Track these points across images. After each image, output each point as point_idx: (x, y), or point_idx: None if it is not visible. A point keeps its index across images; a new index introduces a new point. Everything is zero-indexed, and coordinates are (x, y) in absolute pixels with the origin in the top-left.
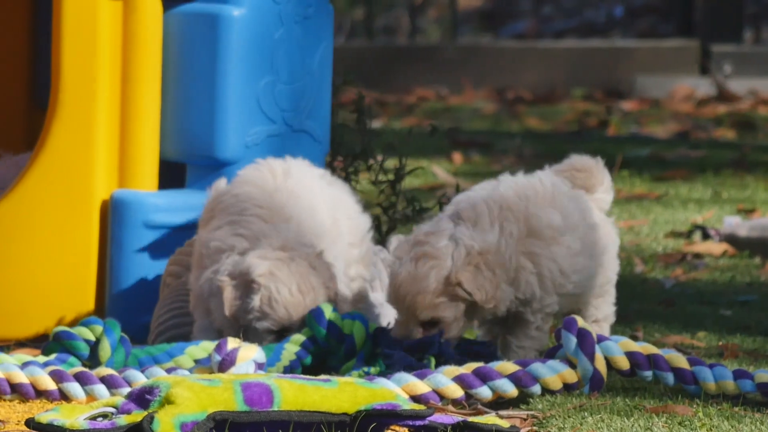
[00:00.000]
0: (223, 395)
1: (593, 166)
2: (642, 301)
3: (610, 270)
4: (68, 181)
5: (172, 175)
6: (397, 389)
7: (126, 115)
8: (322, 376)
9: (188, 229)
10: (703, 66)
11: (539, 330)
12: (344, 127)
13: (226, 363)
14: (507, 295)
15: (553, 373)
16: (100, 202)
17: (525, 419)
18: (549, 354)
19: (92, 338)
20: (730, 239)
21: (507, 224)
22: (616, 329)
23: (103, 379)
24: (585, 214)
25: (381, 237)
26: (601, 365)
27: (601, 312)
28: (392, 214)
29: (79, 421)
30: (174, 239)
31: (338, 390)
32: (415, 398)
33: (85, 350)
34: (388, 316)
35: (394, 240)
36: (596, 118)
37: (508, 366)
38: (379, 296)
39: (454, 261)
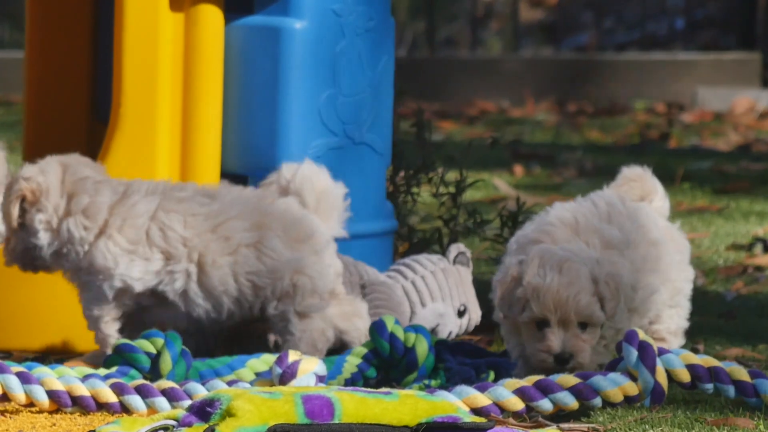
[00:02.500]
0: (283, 408)
1: (643, 175)
2: (703, 314)
3: (680, 281)
4: None
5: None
6: (458, 402)
7: (187, 128)
8: (383, 389)
9: None
10: (765, 78)
11: (607, 347)
12: (405, 141)
13: (287, 376)
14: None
15: (614, 385)
16: None
17: None
18: (610, 367)
19: (153, 351)
20: None
21: (586, 238)
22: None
23: (164, 392)
24: (645, 230)
25: (442, 249)
26: (662, 378)
27: (674, 323)
28: (453, 227)
29: None
30: None
31: (399, 402)
32: (476, 411)
33: (146, 363)
34: (448, 326)
35: (453, 248)
36: (657, 131)
37: (569, 379)
38: (439, 306)
39: (588, 266)
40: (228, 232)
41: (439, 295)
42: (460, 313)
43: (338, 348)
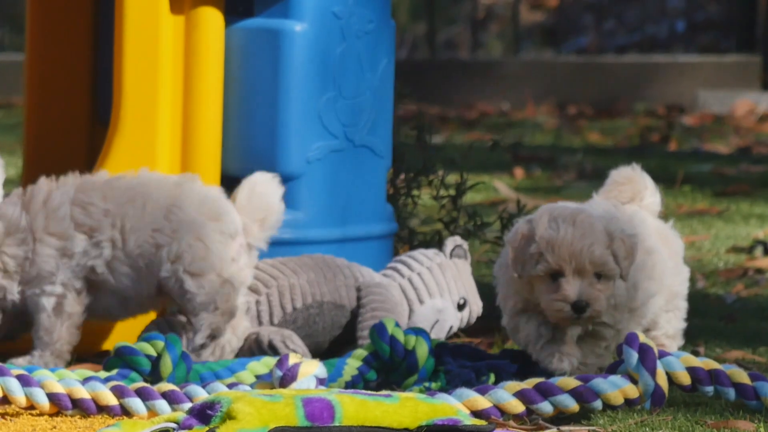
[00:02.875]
0: (284, 410)
1: (633, 175)
2: (703, 317)
3: (676, 284)
4: None
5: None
6: (458, 404)
7: (188, 130)
8: (384, 392)
9: None
10: (765, 81)
11: (607, 349)
12: (405, 144)
13: (287, 378)
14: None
15: (615, 388)
16: None
17: None
18: (610, 369)
19: (154, 353)
20: None
21: None
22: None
23: (165, 395)
24: (643, 237)
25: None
26: (662, 380)
27: (671, 327)
28: (453, 229)
29: None
30: None
31: (399, 405)
32: (477, 413)
33: (146, 365)
34: (448, 322)
35: (450, 242)
36: (658, 134)
37: (570, 381)
38: (438, 302)
39: (604, 222)
40: (144, 200)
41: (437, 290)
42: (460, 307)
43: (334, 352)
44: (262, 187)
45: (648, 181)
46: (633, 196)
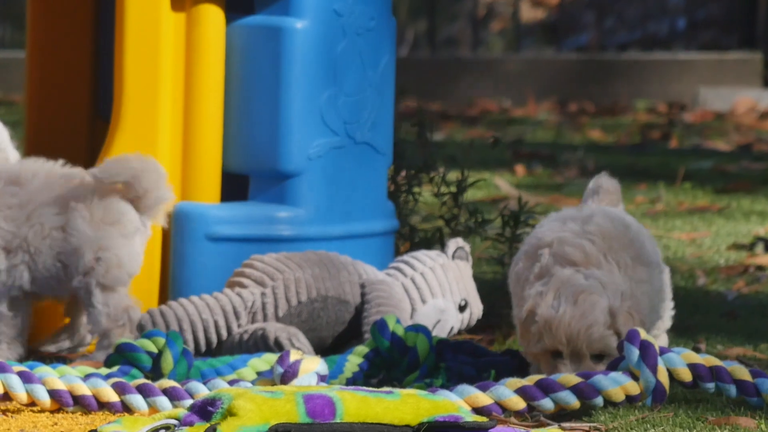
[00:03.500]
0: (285, 407)
1: (617, 186)
2: (704, 314)
3: (667, 292)
4: None
5: (234, 188)
6: (459, 401)
7: (188, 127)
8: (385, 388)
9: (251, 241)
10: (766, 78)
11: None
12: (406, 141)
13: (288, 375)
14: None
15: (616, 385)
16: None
17: (587, 431)
18: (612, 366)
19: (155, 350)
20: None
21: (617, 255)
22: (678, 341)
23: (166, 391)
24: (656, 251)
25: (443, 249)
26: (663, 377)
27: (659, 329)
28: (454, 226)
29: None
30: (236, 252)
31: (401, 402)
32: (478, 410)
33: (147, 362)
34: (449, 322)
35: (452, 243)
36: (659, 131)
37: (571, 378)
38: (440, 302)
39: (609, 298)
40: (40, 218)
41: (439, 291)
42: (461, 308)
43: (337, 349)
44: (152, 177)
45: (619, 189)
46: (616, 204)
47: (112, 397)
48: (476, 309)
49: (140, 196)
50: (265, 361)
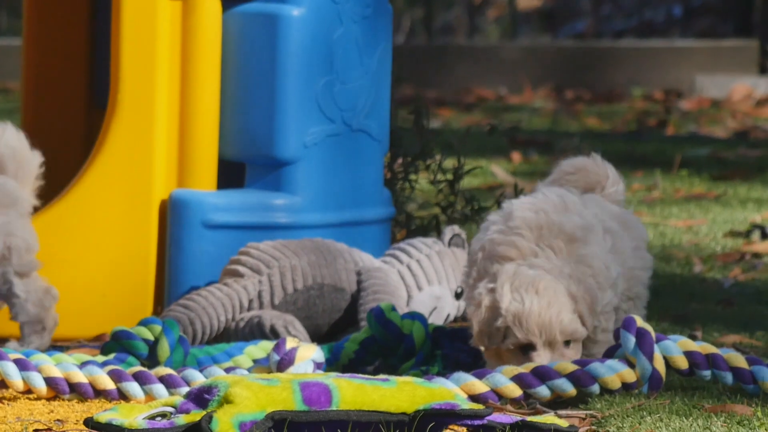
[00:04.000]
0: (281, 395)
1: (587, 164)
2: (700, 301)
3: (638, 268)
4: (127, 181)
5: (231, 175)
6: (455, 389)
7: (185, 114)
8: (381, 376)
9: (247, 229)
10: (762, 66)
11: (605, 332)
12: (403, 128)
13: (284, 362)
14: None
15: (612, 372)
16: (159, 201)
17: (584, 419)
18: (608, 353)
19: (151, 338)
20: None
21: (548, 242)
22: (674, 329)
23: (162, 379)
24: (601, 218)
25: (439, 236)
26: (659, 365)
27: (633, 314)
28: (451, 214)
29: (137, 421)
30: (233, 239)
31: (397, 389)
32: (474, 398)
33: (143, 350)
34: (445, 309)
35: (449, 230)
36: (655, 118)
37: (567, 365)
38: (436, 289)
39: (563, 283)
40: None
41: (435, 278)
42: (458, 295)
43: (333, 336)
44: (22, 151)
45: (609, 170)
46: (588, 186)
47: (109, 384)
48: None
49: (19, 170)
50: (261, 348)
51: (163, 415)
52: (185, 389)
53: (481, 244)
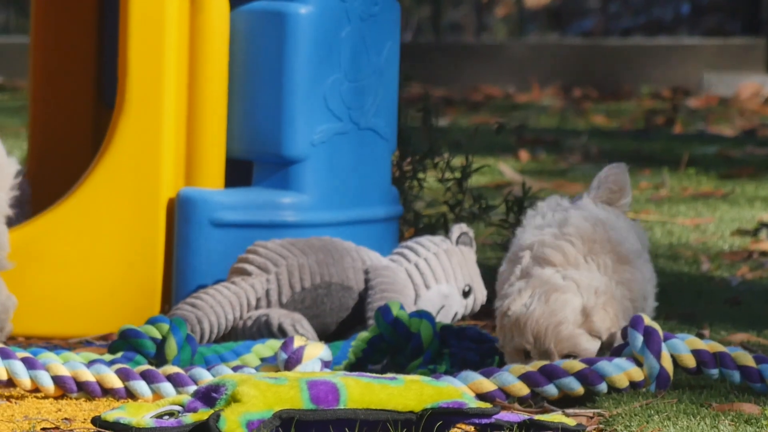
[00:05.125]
0: (289, 393)
1: (624, 181)
2: (708, 300)
3: (650, 289)
4: (135, 179)
5: (238, 174)
6: (463, 387)
7: (193, 113)
8: (389, 375)
9: (254, 227)
10: None
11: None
12: (411, 127)
13: (292, 361)
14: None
15: (620, 371)
16: (167, 200)
17: (591, 417)
18: (615, 352)
19: (159, 336)
20: None
21: (597, 257)
22: (682, 327)
23: (170, 378)
24: (643, 240)
25: (447, 234)
26: (667, 363)
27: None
28: (459, 212)
29: (145, 420)
30: (240, 237)
31: (404, 388)
32: (482, 396)
33: (151, 348)
34: (453, 307)
35: (456, 229)
36: (663, 116)
37: (575, 364)
38: (444, 288)
39: (583, 297)
40: None
41: (443, 276)
42: (465, 294)
43: (341, 335)
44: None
45: (628, 185)
46: (618, 200)
47: (116, 383)
48: (480, 295)
49: None
50: (269, 347)
51: (171, 414)
52: (193, 388)
53: (531, 243)
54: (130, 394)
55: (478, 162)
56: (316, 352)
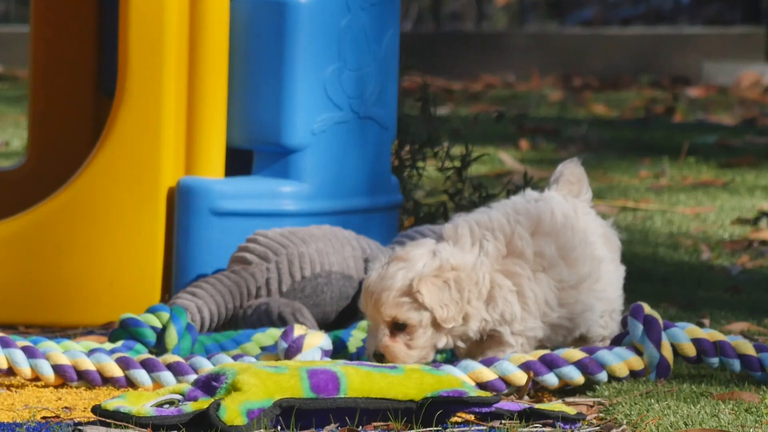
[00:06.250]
0: (289, 382)
1: (581, 173)
2: (708, 288)
3: (615, 289)
4: (135, 168)
5: (239, 163)
6: (463, 376)
7: (193, 102)
8: (389, 363)
9: (255, 216)
10: None
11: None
12: (410, 116)
13: (292, 350)
14: (476, 314)
15: (620, 360)
16: (167, 189)
17: (591, 406)
18: (615, 341)
19: (159, 325)
20: None
21: (485, 243)
22: (682, 316)
23: (170, 366)
24: (593, 247)
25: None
26: (667, 352)
27: (608, 330)
28: (459, 201)
29: (145, 408)
30: (240, 226)
31: (405, 377)
32: (482, 385)
33: (151, 337)
34: None
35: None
36: (663, 105)
37: (575, 353)
38: None
39: (423, 268)
40: None
41: None
42: None
43: (341, 324)
44: None
45: (585, 179)
46: (578, 193)
47: (117, 372)
48: None
49: None
50: (269, 336)
51: (171, 403)
52: (193, 377)
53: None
54: (131, 383)
55: (477, 151)
56: (316, 341)
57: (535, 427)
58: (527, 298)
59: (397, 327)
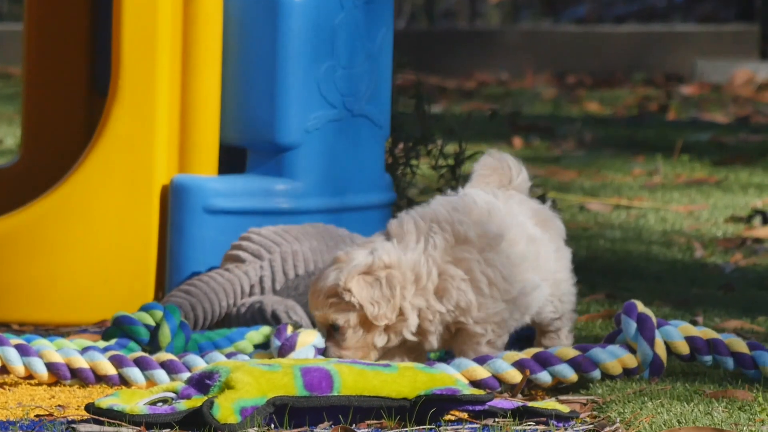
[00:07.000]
0: (282, 380)
1: (495, 164)
2: (702, 286)
3: (560, 270)
4: (128, 166)
5: (232, 161)
6: (456, 374)
7: (186, 100)
8: (382, 361)
9: (248, 214)
10: (763, 50)
11: (492, 345)
12: (404, 113)
13: (285, 348)
14: (412, 310)
15: (613, 358)
16: (160, 187)
17: (585, 404)
18: (609, 339)
19: (152, 323)
20: None
21: (433, 235)
22: (675, 314)
23: (163, 364)
24: (524, 227)
25: None
26: (661, 350)
27: (559, 314)
28: None
29: (138, 406)
30: (234, 224)
31: (398, 375)
32: (475, 383)
33: (145, 335)
34: None
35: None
36: (656, 103)
37: (568, 351)
38: None
39: (353, 267)
40: None
41: None
42: None
43: None
44: None
45: (512, 162)
46: (501, 182)
47: (110, 370)
48: None
49: None
50: (262, 334)
51: (165, 401)
52: (186, 375)
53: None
54: (124, 381)
55: (471, 149)
56: (309, 339)
57: (529, 425)
58: (480, 282)
59: (334, 328)
